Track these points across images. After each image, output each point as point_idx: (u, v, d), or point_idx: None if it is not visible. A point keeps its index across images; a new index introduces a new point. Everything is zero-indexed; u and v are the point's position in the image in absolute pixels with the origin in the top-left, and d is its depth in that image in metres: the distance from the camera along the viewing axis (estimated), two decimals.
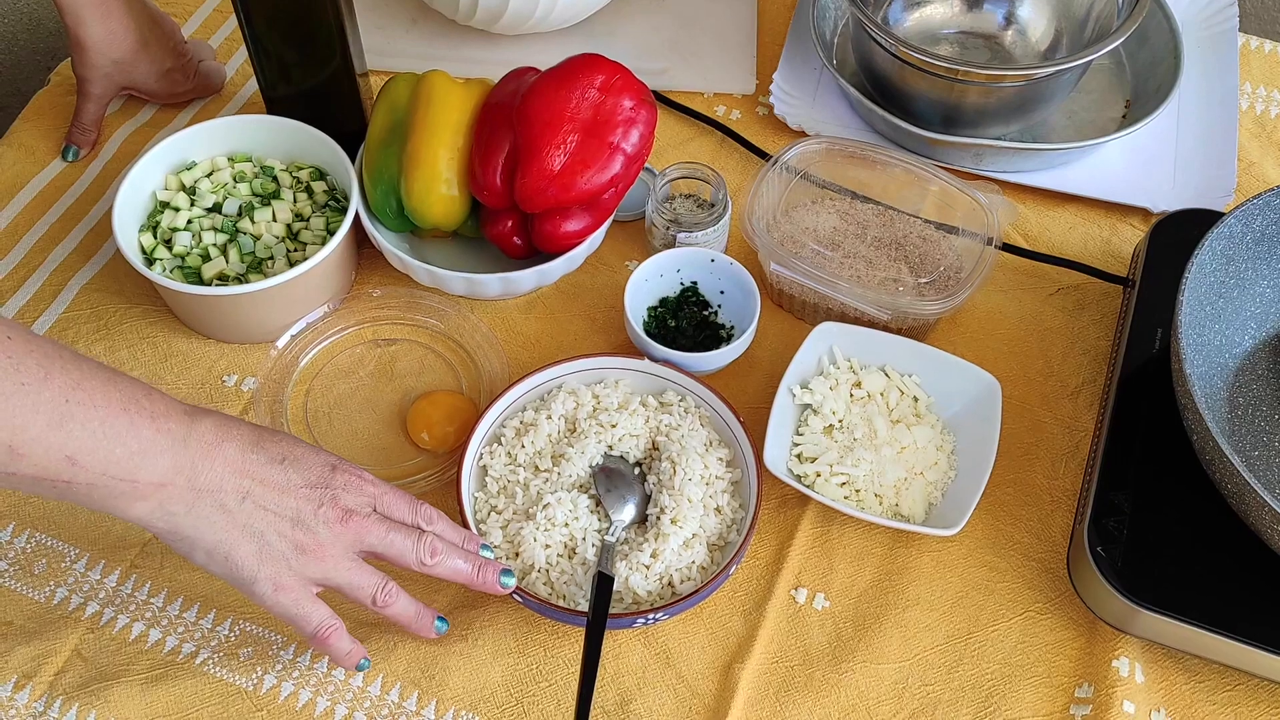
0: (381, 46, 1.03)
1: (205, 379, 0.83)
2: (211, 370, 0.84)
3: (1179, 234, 0.84)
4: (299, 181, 0.88)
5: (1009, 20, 1.01)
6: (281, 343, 0.83)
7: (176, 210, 0.85)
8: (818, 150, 0.87)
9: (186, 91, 0.99)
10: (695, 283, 0.86)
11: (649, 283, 0.84)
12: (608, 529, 0.73)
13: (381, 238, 0.85)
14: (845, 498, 0.76)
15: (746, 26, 1.07)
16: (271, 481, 0.63)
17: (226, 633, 0.72)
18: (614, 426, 0.76)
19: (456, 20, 1.00)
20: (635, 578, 0.70)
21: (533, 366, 0.79)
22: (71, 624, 0.72)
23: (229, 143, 0.88)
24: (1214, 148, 0.96)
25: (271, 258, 0.84)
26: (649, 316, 0.85)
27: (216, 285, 0.81)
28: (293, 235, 0.86)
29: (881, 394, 0.80)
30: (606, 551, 0.71)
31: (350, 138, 0.87)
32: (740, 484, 0.76)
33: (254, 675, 0.71)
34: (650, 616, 0.68)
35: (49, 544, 0.76)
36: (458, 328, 0.86)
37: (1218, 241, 0.75)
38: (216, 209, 0.86)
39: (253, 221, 0.85)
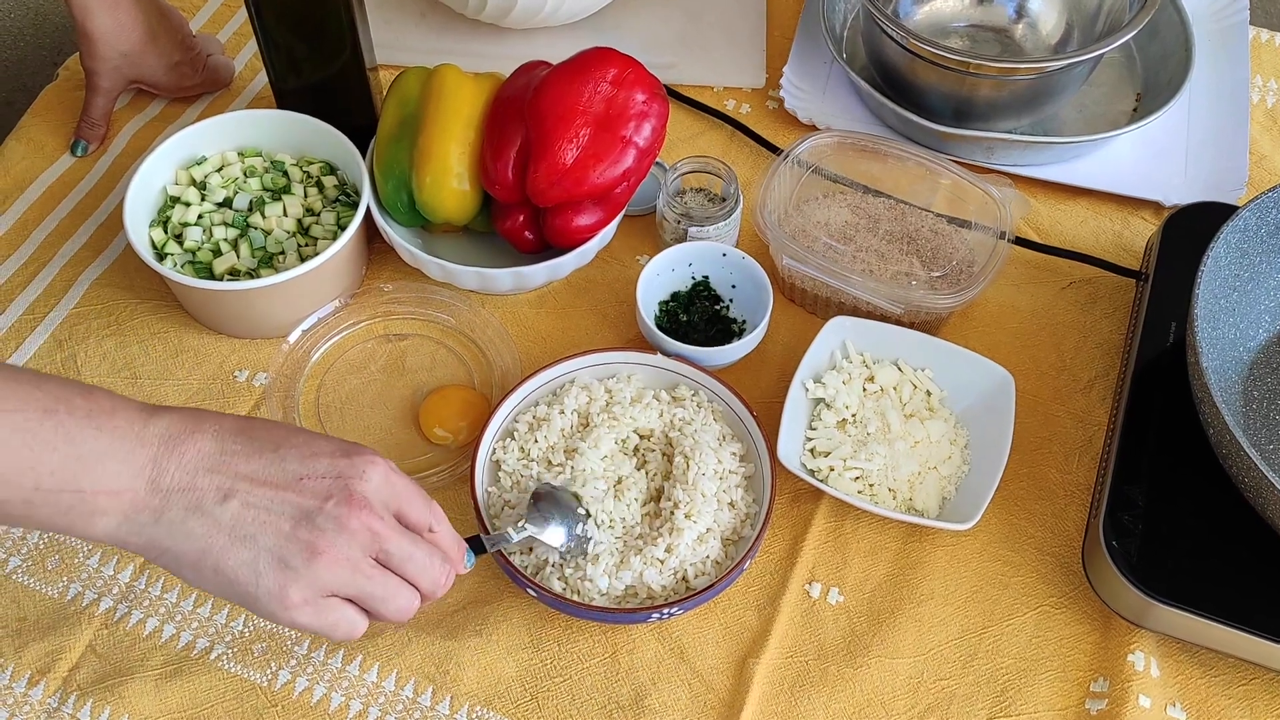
0: (390, 41, 1.03)
1: (217, 374, 0.83)
2: (223, 366, 0.84)
3: (1192, 227, 0.83)
4: (309, 176, 0.87)
5: (1020, 13, 1.01)
6: (293, 338, 0.83)
7: (187, 205, 0.85)
8: (829, 144, 0.87)
9: (195, 85, 0.98)
10: (707, 277, 0.86)
11: (660, 277, 0.84)
12: (522, 527, 0.69)
13: (393, 232, 0.84)
14: (859, 492, 0.76)
15: (756, 19, 1.06)
16: (262, 475, 0.54)
17: (241, 628, 0.72)
18: (629, 419, 0.76)
19: (466, 14, 1.00)
20: (650, 572, 0.70)
21: (544, 361, 0.79)
22: (85, 620, 0.72)
23: (239, 138, 0.88)
24: (1225, 141, 0.96)
25: (283, 252, 0.83)
26: (661, 311, 0.85)
27: (228, 280, 0.81)
28: (304, 230, 0.85)
29: (895, 388, 0.80)
30: (500, 538, 0.67)
31: (360, 132, 0.87)
32: (754, 478, 0.75)
33: (268, 670, 0.71)
34: (665, 611, 0.68)
35: (61, 539, 0.76)
36: (469, 322, 0.86)
37: (1232, 235, 0.75)
38: (227, 204, 0.86)
39: (263, 216, 0.84)
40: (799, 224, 0.86)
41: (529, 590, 0.69)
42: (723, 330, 0.84)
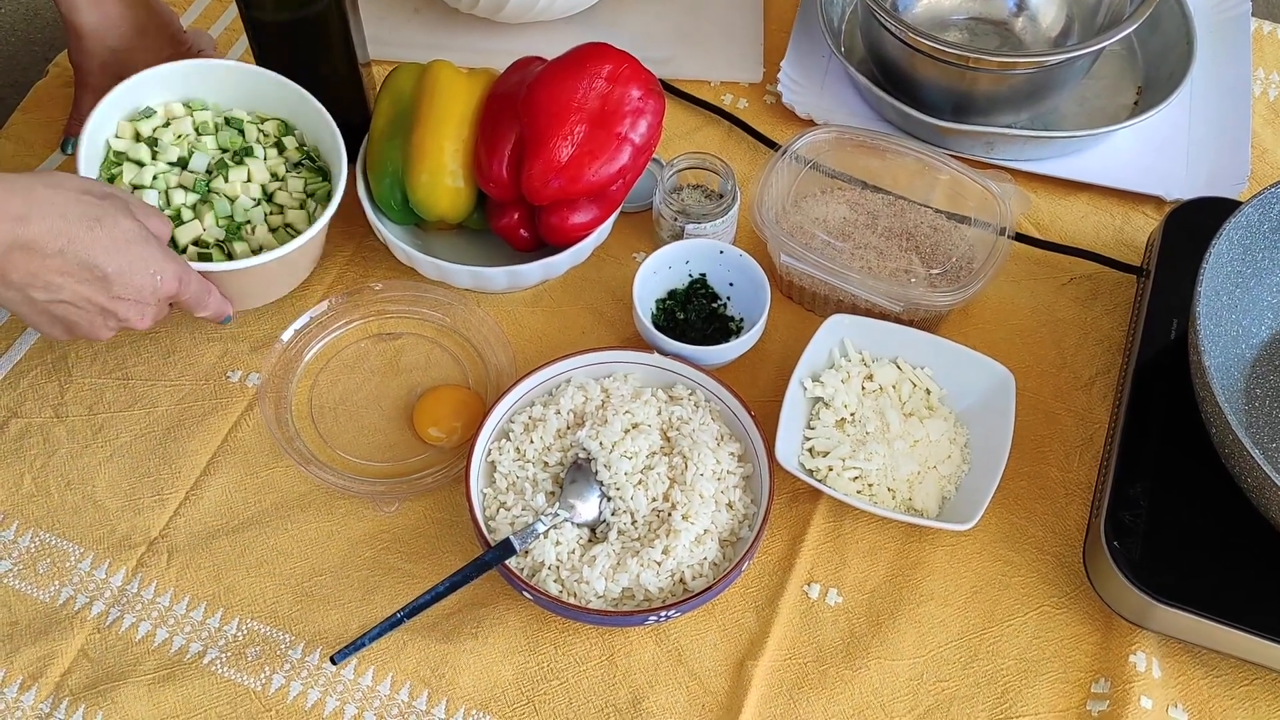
0: (384, 36, 1.02)
1: (209, 375, 0.82)
2: (215, 367, 0.83)
3: (1194, 222, 0.83)
4: (266, 135, 0.83)
5: (1020, 6, 1.00)
6: (286, 337, 0.82)
7: (140, 165, 0.79)
8: (827, 139, 0.86)
9: None
10: (704, 275, 0.85)
11: (657, 275, 0.83)
12: (553, 511, 0.71)
13: (386, 230, 0.84)
14: (858, 492, 0.75)
15: (753, 13, 1.05)
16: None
17: (234, 632, 0.72)
18: (627, 413, 0.75)
19: (460, 9, 0.99)
20: (647, 575, 0.69)
21: (539, 361, 0.78)
22: (77, 624, 0.72)
23: (185, 89, 0.83)
24: (1227, 135, 0.95)
25: (249, 222, 0.80)
26: (657, 309, 0.84)
27: (197, 251, 0.77)
28: (268, 197, 0.81)
29: (894, 387, 0.79)
30: (529, 532, 0.70)
31: (353, 129, 0.86)
32: (752, 479, 0.75)
33: (262, 675, 0.70)
34: (662, 614, 0.68)
35: (52, 543, 0.75)
36: (464, 321, 0.85)
37: (1235, 230, 0.74)
38: (182, 164, 0.81)
39: (226, 180, 0.80)
40: (797, 221, 0.85)
41: (525, 593, 0.69)
42: (720, 328, 0.84)
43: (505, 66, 0.85)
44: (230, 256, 0.78)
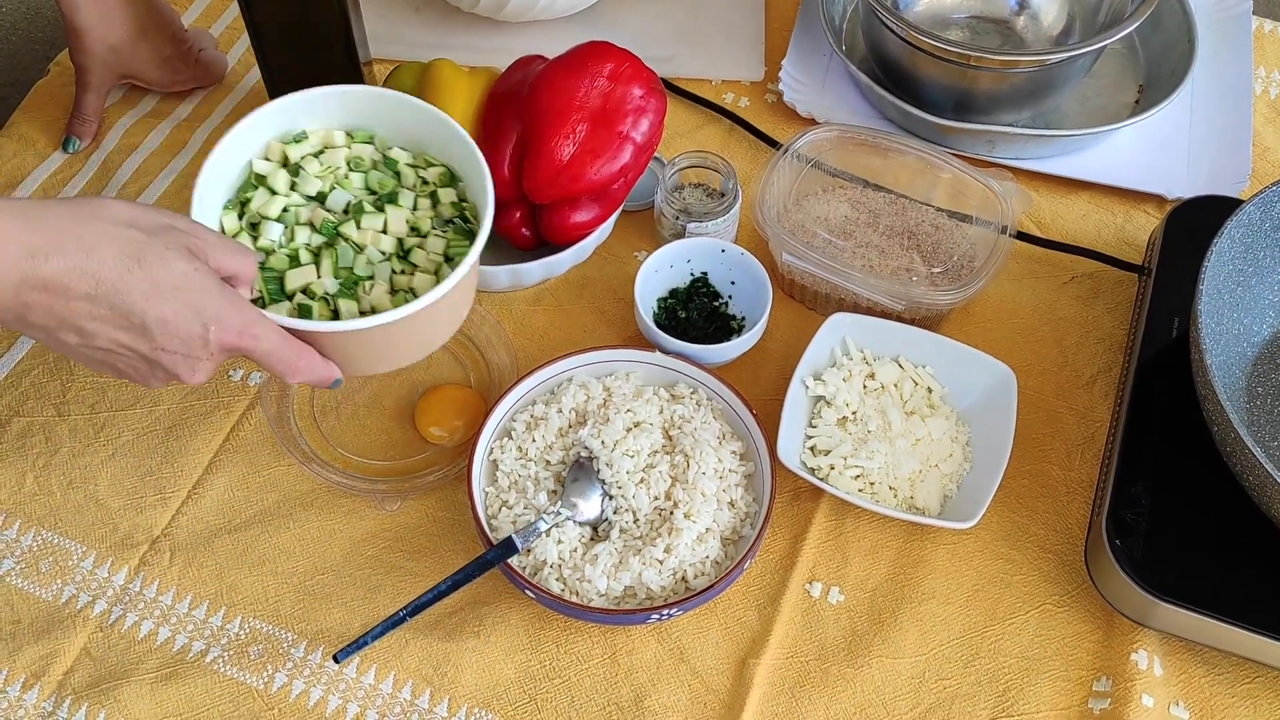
0: (385, 34, 1.02)
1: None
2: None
3: (1195, 221, 0.83)
4: (425, 184, 0.73)
5: (1021, 5, 1.00)
6: None
7: (273, 192, 0.70)
8: (829, 138, 0.86)
9: (187, 80, 0.97)
10: (706, 273, 0.85)
11: (659, 274, 0.83)
12: (555, 510, 0.71)
13: None
14: (859, 490, 0.75)
15: (754, 11, 1.05)
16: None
17: (236, 630, 0.72)
18: (629, 412, 0.75)
19: (461, 8, 0.99)
20: (649, 573, 0.69)
21: (541, 359, 0.78)
22: (80, 623, 0.72)
23: (351, 115, 0.73)
24: (1228, 133, 0.95)
25: (371, 278, 0.69)
26: (659, 308, 0.84)
27: (299, 300, 0.66)
28: (403, 253, 0.71)
29: (895, 385, 0.79)
30: (531, 530, 0.70)
31: None
32: (754, 477, 0.75)
33: (264, 674, 0.70)
34: (664, 612, 0.68)
35: (55, 541, 0.75)
36: (465, 320, 0.85)
37: (1237, 229, 0.74)
38: (320, 199, 0.71)
39: (358, 227, 0.70)
40: (798, 219, 0.85)
41: (527, 592, 0.69)
42: (722, 327, 0.84)
43: (506, 65, 0.85)
44: (336, 315, 0.67)
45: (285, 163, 0.72)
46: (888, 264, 0.83)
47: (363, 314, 0.67)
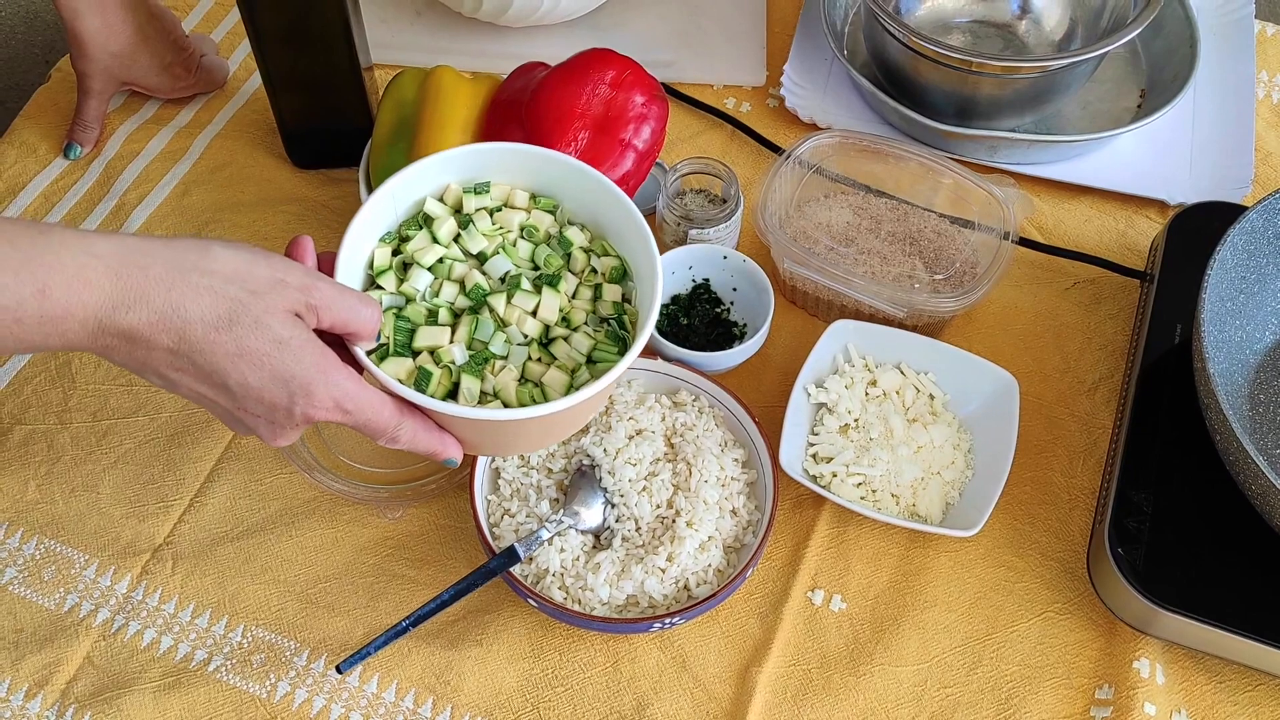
0: (386, 40, 1.02)
1: None
2: None
3: (1197, 227, 0.83)
4: (594, 272, 0.67)
5: (1023, 9, 1.00)
6: None
7: (435, 239, 0.65)
8: (830, 144, 0.86)
9: (188, 86, 0.97)
10: (707, 280, 0.85)
11: None
12: (557, 518, 0.71)
13: None
14: (862, 498, 0.75)
15: (755, 16, 1.05)
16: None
17: (239, 639, 0.72)
18: (631, 420, 0.75)
19: (463, 13, 0.99)
20: (651, 581, 0.69)
21: None
22: (83, 631, 0.72)
23: (542, 180, 0.68)
24: (1230, 138, 0.95)
25: (505, 359, 0.63)
26: (661, 315, 0.84)
27: (413, 374, 0.61)
28: (545, 341, 0.65)
29: (897, 392, 0.79)
30: (534, 539, 0.70)
31: (356, 134, 0.86)
32: (756, 485, 0.75)
33: (268, 682, 0.70)
34: (666, 621, 0.68)
35: (57, 550, 0.75)
36: None
37: (1240, 236, 0.74)
38: (481, 259, 0.66)
39: (508, 302, 0.64)
40: (800, 226, 0.85)
41: (530, 600, 0.69)
42: (724, 334, 0.84)
43: (508, 70, 0.84)
44: (455, 389, 0.62)
45: (458, 209, 0.67)
46: (890, 270, 0.83)
47: (483, 395, 0.62)
